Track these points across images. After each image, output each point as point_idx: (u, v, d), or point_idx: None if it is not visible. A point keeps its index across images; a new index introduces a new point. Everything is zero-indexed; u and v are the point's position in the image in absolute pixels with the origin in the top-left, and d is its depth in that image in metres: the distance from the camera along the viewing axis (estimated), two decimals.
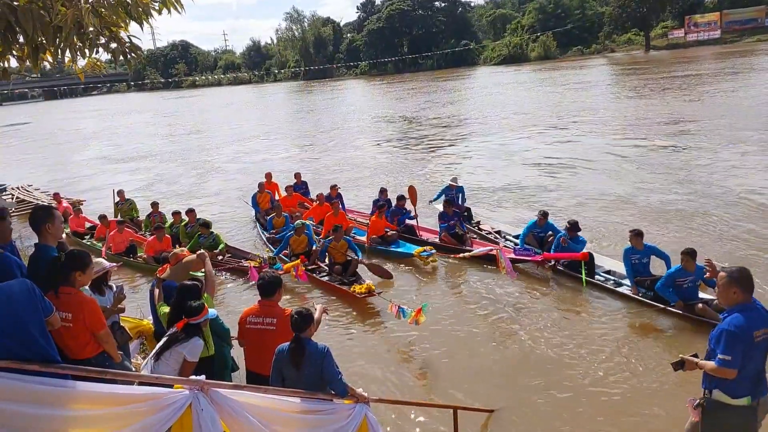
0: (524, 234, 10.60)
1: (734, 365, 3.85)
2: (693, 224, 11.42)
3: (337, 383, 4.28)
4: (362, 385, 5.04)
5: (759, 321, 3.94)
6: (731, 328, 3.88)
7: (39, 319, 3.25)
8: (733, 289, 3.97)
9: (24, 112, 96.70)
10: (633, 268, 8.59)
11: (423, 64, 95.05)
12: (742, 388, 3.94)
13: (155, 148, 33.57)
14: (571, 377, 6.68)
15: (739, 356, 3.84)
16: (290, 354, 4.29)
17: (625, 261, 8.68)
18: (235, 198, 17.65)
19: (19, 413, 2.79)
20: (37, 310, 3.25)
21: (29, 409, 2.81)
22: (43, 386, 2.90)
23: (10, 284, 3.23)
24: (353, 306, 9.22)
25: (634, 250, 8.60)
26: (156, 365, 4.47)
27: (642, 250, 8.57)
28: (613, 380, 6.52)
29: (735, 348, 3.84)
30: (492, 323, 8.29)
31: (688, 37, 72.12)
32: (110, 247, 11.94)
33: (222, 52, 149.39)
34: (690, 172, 15.35)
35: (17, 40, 4.36)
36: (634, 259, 8.59)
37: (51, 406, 2.86)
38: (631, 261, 8.60)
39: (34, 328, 3.18)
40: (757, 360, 3.96)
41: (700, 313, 7.49)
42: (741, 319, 3.89)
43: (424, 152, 23.30)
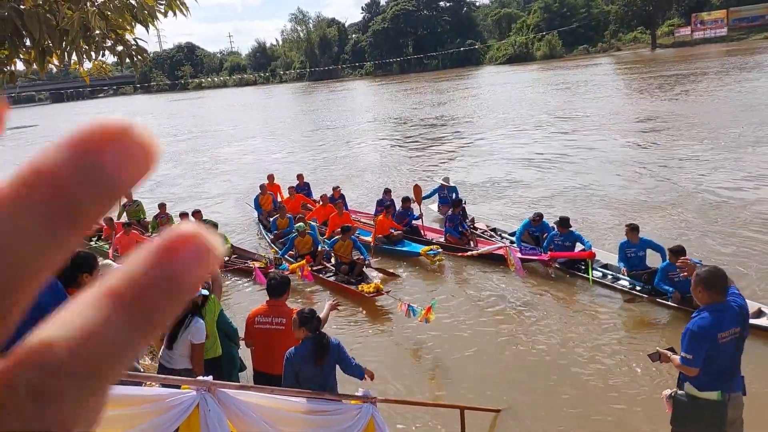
0: (520, 232, 10.74)
1: (695, 364, 3.96)
2: (690, 219, 11.40)
3: (354, 368, 4.59)
4: (369, 385, 5.04)
5: (727, 322, 3.99)
6: (695, 328, 3.98)
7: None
8: (698, 289, 4.04)
9: (31, 114, 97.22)
10: (628, 262, 8.70)
11: (428, 64, 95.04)
12: (709, 383, 4.04)
13: (164, 150, 33.56)
14: (579, 377, 6.67)
15: (700, 356, 3.93)
16: (314, 351, 4.39)
17: (621, 254, 8.81)
18: (236, 199, 17.74)
19: None
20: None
21: None
22: None
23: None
24: (361, 305, 9.24)
25: (630, 243, 8.72)
26: (170, 356, 4.54)
27: (637, 243, 8.71)
28: (620, 379, 6.51)
29: (697, 348, 3.94)
30: (499, 322, 8.29)
31: (695, 34, 71.75)
32: (117, 249, 11.99)
33: (227, 53, 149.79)
34: (685, 170, 15.30)
35: (24, 44, 4.39)
36: (630, 253, 8.72)
37: None
38: (626, 254, 8.73)
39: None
40: (725, 358, 4.02)
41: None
42: (707, 320, 3.97)
43: (428, 152, 23.29)
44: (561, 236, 9.76)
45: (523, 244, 10.41)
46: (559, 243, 9.75)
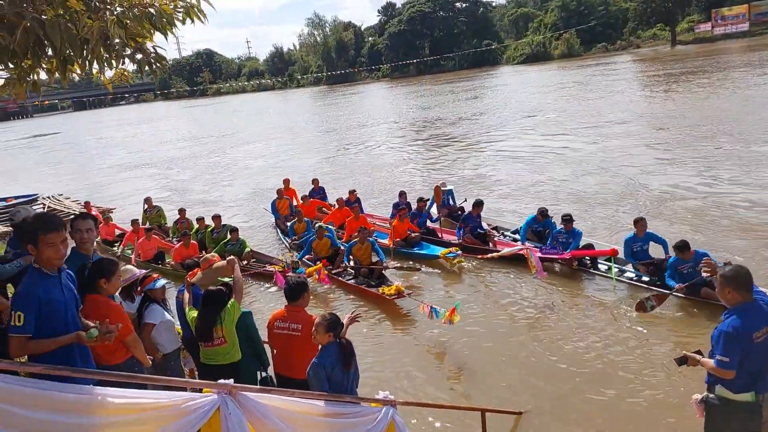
0: (524, 229, 11.00)
1: (731, 366, 3.86)
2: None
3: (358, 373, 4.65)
4: (389, 388, 5.03)
5: (759, 320, 3.91)
6: (729, 329, 3.88)
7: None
8: (727, 290, 3.96)
9: (53, 122, 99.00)
10: (634, 255, 9.13)
11: (445, 65, 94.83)
12: (743, 384, 3.92)
13: (178, 155, 34.14)
14: (603, 379, 6.59)
15: (736, 358, 3.84)
16: (342, 357, 4.44)
17: (626, 249, 9.18)
18: (245, 201, 17.90)
19: (49, 422, 2.84)
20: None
21: (58, 417, 2.86)
22: (72, 394, 2.95)
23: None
24: (381, 308, 9.25)
25: (636, 237, 9.12)
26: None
27: (643, 237, 9.10)
28: (647, 382, 6.41)
29: (732, 350, 3.84)
30: (520, 324, 8.24)
31: (715, 30, 70.63)
32: (139, 254, 12.14)
33: (245, 59, 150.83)
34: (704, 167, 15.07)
35: (46, 53, 4.47)
36: (636, 247, 9.12)
37: (80, 413, 2.91)
38: (632, 249, 9.12)
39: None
40: (760, 358, 3.92)
41: (706, 296, 7.89)
42: (739, 320, 3.88)
43: (443, 153, 23.24)
44: (565, 233, 10.10)
45: (532, 242, 10.71)
46: (563, 240, 10.08)
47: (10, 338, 3.30)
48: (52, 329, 3.42)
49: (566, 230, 10.10)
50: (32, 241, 3.36)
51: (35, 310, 3.30)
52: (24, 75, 4.76)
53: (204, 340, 5.17)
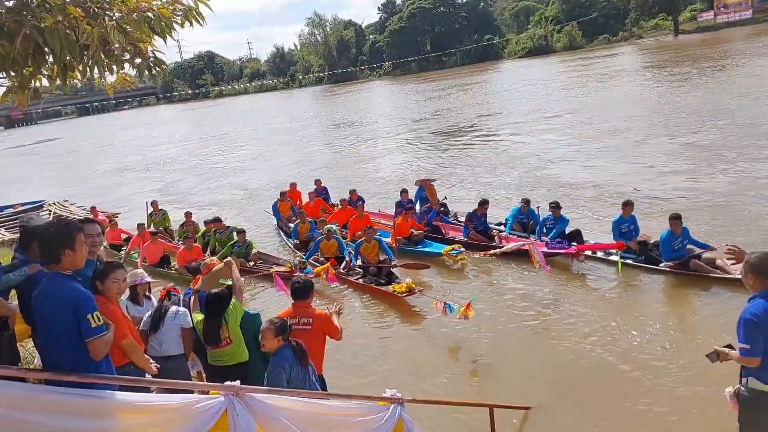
0: (510, 221, 11.49)
1: (755, 353, 3.78)
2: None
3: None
4: (397, 386, 5.04)
5: None
6: (749, 316, 3.81)
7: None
8: (750, 276, 3.91)
9: (56, 128, 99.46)
10: (623, 236, 9.64)
11: (446, 61, 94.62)
12: None
13: (178, 158, 34.36)
14: (609, 372, 6.58)
15: (759, 344, 3.77)
16: (298, 356, 4.50)
17: (615, 229, 9.70)
18: (242, 202, 17.87)
19: (58, 426, 2.86)
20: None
21: (67, 421, 2.87)
22: (81, 398, 2.96)
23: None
24: (391, 306, 9.27)
25: (623, 219, 9.71)
26: (156, 338, 5.20)
27: (628, 218, 9.72)
28: (654, 375, 6.39)
29: (754, 336, 3.77)
30: (527, 318, 8.23)
31: (718, 19, 70.26)
32: (145, 258, 12.18)
33: (247, 60, 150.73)
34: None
35: (46, 60, 4.48)
36: (623, 228, 9.68)
37: (88, 417, 2.93)
38: (620, 230, 9.65)
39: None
40: None
41: (696, 268, 8.54)
42: (760, 306, 3.81)
43: (442, 151, 23.22)
44: (553, 219, 10.61)
45: (517, 232, 11.24)
46: (551, 226, 10.59)
47: (97, 340, 3.30)
48: None
49: (554, 216, 10.57)
50: (69, 244, 3.41)
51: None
52: (25, 82, 4.77)
53: (212, 343, 5.20)
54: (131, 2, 4.44)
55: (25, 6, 4.19)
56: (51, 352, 3.40)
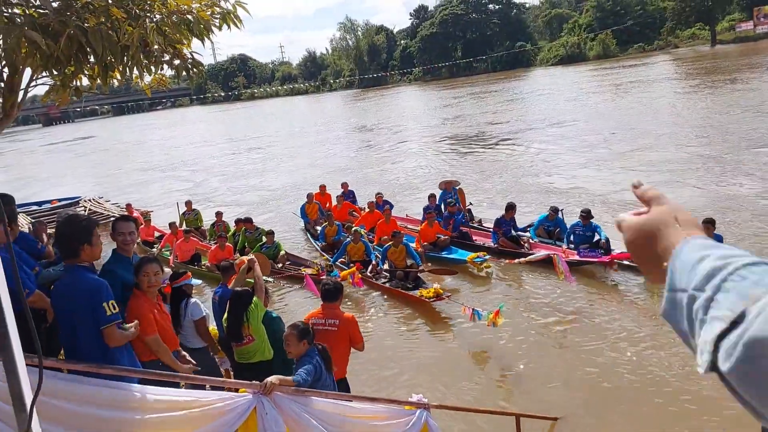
0: (536, 227, 11.45)
1: None
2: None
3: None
4: (424, 391, 5.03)
5: None
6: None
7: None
8: None
9: (91, 127, 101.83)
10: None
11: (477, 67, 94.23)
12: None
13: (207, 158, 34.85)
14: (639, 390, 6.44)
15: None
16: (326, 361, 4.50)
17: None
18: (269, 201, 18.04)
19: (96, 417, 2.92)
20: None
21: (105, 412, 2.94)
22: (118, 390, 3.03)
23: None
24: (418, 311, 9.26)
25: None
26: (184, 337, 5.26)
27: None
28: (688, 391, 6.25)
29: None
30: (556, 328, 8.13)
31: (758, 29, 68.58)
32: (176, 256, 12.37)
33: (279, 63, 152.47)
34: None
35: (88, 60, 4.59)
36: None
37: (125, 410, 2.99)
38: None
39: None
40: None
41: None
42: None
43: (471, 156, 23.12)
44: (583, 227, 10.45)
45: (542, 238, 11.19)
46: (580, 233, 10.44)
47: (111, 327, 3.43)
48: None
49: (583, 225, 10.42)
50: (87, 239, 3.60)
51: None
52: (67, 81, 4.90)
53: (235, 340, 5.28)
54: (171, 5, 4.53)
55: (70, 7, 4.30)
56: (71, 342, 3.49)
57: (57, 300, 3.57)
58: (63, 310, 3.54)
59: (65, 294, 3.51)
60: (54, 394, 2.85)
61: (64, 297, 3.52)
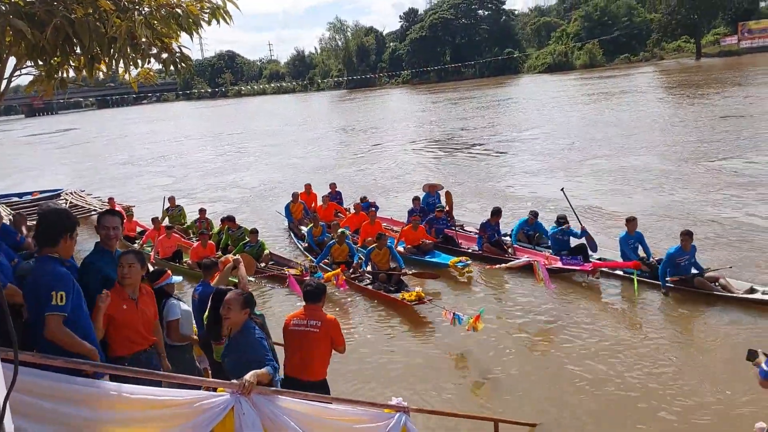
0: (515, 232, 11.56)
1: None
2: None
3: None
4: (403, 394, 5.02)
5: None
6: None
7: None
8: None
9: (74, 119, 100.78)
10: (631, 253, 9.67)
11: (465, 72, 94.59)
12: None
13: (190, 154, 34.72)
14: (617, 396, 6.49)
15: None
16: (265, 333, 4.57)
17: (624, 245, 9.72)
18: (252, 199, 18.00)
19: (70, 414, 2.87)
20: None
21: (79, 410, 2.89)
22: (91, 388, 2.98)
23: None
24: (400, 314, 9.24)
25: (629, 236, 9.72)
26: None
27: (634, 235, 9.76)
28: (667, 398, 6.30)
29: None
30: (536, 334, 8.18)
31: (742, 44, 69.79)
32: (158, 252, 12.25)
33: (267, 61, 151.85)
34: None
35: (74, 51, 4.53)
36: (630, 244, 9.70)
37: (99, 408, 2.94)
38: (628, 245, 9.68)
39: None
40: None
41: (699, 286, 8.59)
42: None
43: (458, 159, 23.22)
44: (561, 232, 10.69)
45: (522, 243, 11.40)
46: (560, 238, 10.69)
47: (52, 317, 3.40)
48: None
49: (561, 230, 10.67)
50: (70, 231, 3.64)
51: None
52: (52, 72, 4.83)
53: (215, 338, 5.23)
54: None
55: None
56: (39, 335, 3.43)
57: (26, 291, 3.51)
58: (30, 301, 3.48)
59: (32, 284, 3.46)
60: (29, 390, 2.80)
61: (31, 287, 3.47)
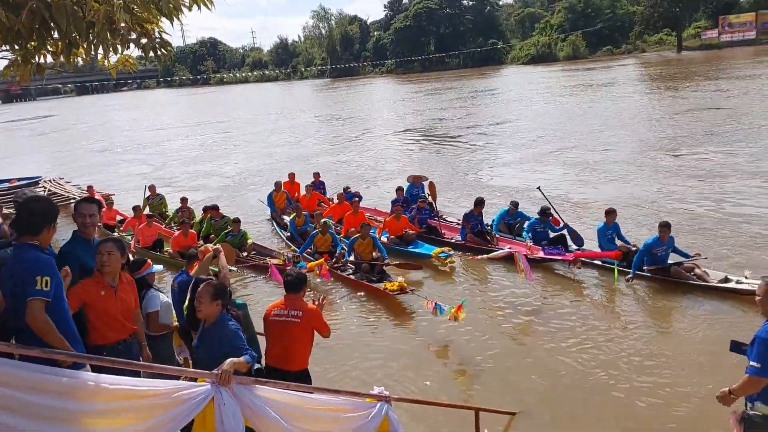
0: (497, 222, 11.74)
1: (764, 374, 3.70)
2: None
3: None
4: (385, 384, 5.04)
5: None
6: (765, 335, 3.74)
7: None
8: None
9: (52, 106, 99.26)
10: (609, 243, 9.91)
11: (449, 62, 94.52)
12: None
13: (173, 142, 34.38)
14: (596, 382, 6.58)
15: None
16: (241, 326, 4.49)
17: (601, 236, 9.99)
18: (233, 187, 17.96)
19: (45, 406, 2.82)
20: None
21: (55, 401, 2.85)
22: (68, 378, 2.93)
23: None
24: (382, 303, 9.25)
25: (607, 226, 9.98)
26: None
27: (612, 226, 10.00)
28: (644, 386, 6.39)
29: (766, 357, 3.70)
30: (517, 323, 8.24)
31: (722, 37, 70.53)
32: (138, 240, 12.12)
33: (250, 49, 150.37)
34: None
35: (51, 36, 4.43)
36: (608, 234, 9.95)
37: (76, 399, 2.90)
38: (605, 236, 9.92)
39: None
40: None
41: (676, 275, 8.81)
42: None
43: (452, 150, 23.24)
44: (542, 224, 10.88)
45: (503, 233, 11.57)
46: (541, 230, 10.86)
47: (34, 301, 3.32)
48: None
49: (542, 221, 10.82)
50: (52, 221, 3.57)
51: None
52: (29, 57, 4.71)
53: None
54: None
55: None
56: (17, 324, 3.36)
57: (3, 279, 3.43)
58: (7, 290, 3.41)
59: (10, 272, 3.38)
60: (6, 382, 2.75)
61: (8, 275, 3.39)
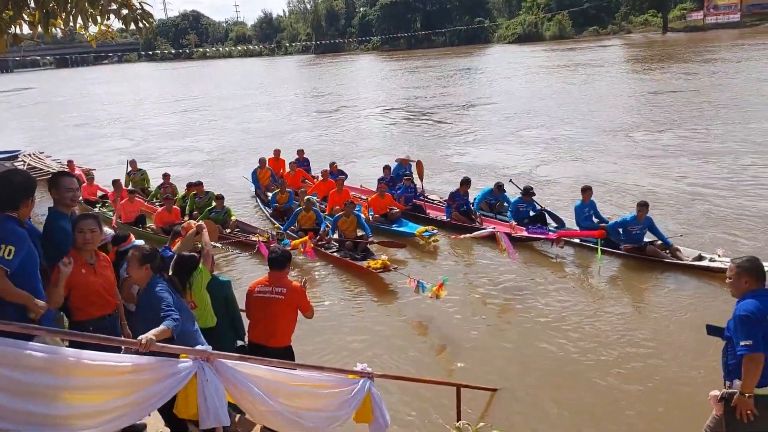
0: (478, 200, 11.82)
1: (757, 349, 3.72)
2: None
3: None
4: (368, 360, 5.06)
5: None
6: (744, 313, 3.80)
7: None
8: (744, 279, 3.92)
9: (31, 78, 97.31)
10: (585, 221, 10.13)
11: (435, 40, 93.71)
12: (764, 377, 3.79)
13: (154, 117, 33.95)
14: (579, 358, 6.69)
15: (759, 339, 3.73)
16: (176, 289, 4.35)
17: (578, 213, 10.18)
18: (214, 162, 17.90)
19: (19, 381, 2.79)
20: None
21: (36, 376, 2.82)
22: (50, 354, 2.90)
23: None
24: (365, 281, 9.28)
25: (583, 204, 10.19)
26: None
27: (588, 203, 10.23)
28: (624, 364, 6.51)
29: (752, 331, 3.74)
30: (498, 301, 8.33)
31: (707, 19, 70.65)
32: (120, 216, 11.99)
33: (233, 23, 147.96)
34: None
35: (28, 5, 4.32)
36: (585, 212, 10.17)
37: (54, 374, 2.86)
38: (583, 214, 10.14)
39: None
40: None
41: (651, 254, 9.07)
42: (753, 303, 3.81)
43: (428, 129, 23.21)
44: (525, 204, 10.97)
45: (484, 212, 11.62)
46: (523, 210, 10.96)
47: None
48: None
49: (524, 201, 10.91)
50: (31, 195, 3.55)
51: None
52: (4, 27, 4.59)
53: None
54: None
55: None
56: None
57: None
58: None
59: None
60: None
61: None
